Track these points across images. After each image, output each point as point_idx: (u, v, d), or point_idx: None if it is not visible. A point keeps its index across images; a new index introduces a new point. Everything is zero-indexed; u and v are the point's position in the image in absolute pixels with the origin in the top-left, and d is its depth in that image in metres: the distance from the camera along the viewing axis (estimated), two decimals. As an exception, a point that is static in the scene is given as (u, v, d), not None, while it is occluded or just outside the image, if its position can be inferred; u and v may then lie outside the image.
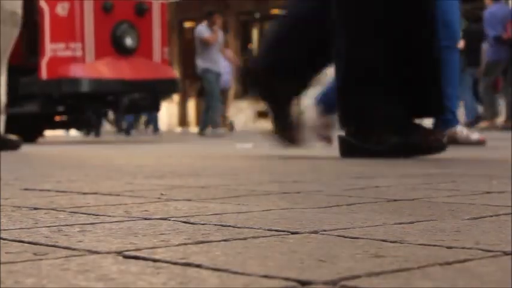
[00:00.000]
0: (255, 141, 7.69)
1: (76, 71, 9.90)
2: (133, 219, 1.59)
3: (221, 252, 1.16)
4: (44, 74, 9.86)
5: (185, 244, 1.25)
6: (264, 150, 5.33)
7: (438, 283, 0.93)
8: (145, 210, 1.75)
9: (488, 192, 2.09)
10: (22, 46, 10.26)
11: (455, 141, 5.63)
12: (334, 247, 1.21)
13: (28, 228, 1.46)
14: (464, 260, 1.08)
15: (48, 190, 2.31)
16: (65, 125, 11.96)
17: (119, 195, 2.13)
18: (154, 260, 1.10)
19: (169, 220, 1.56)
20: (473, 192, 2.09)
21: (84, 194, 2.18)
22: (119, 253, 1.16)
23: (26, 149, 6.75)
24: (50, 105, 10.08)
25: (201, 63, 14.43)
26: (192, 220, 1.55)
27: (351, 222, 1.50)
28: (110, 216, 1.65)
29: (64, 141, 12.09)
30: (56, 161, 4.61)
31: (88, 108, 10.86)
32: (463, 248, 1.18)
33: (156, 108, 11.30)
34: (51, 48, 9.86)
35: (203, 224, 1.49)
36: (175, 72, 11.57)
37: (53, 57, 9.85)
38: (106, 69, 10.04)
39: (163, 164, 3.96)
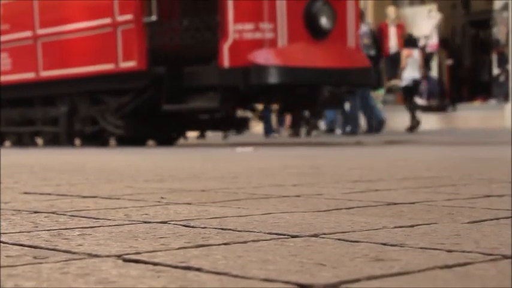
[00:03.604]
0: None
1: (268, 57, 7.87)
2: (134, 222, 1.59)
3: (221, 256, 1.16)
4: (225, 61, 7.80)
5: (185, 248, 1.25)
6: (263, 154, 5.33)
7: (439, 286, 0.93)
8: (145, 214, 1.75)
9: (488, 196, 2.09)
10: (185, 30, 8.62)
11: None
12: (334, 251, 1.21)
13: (28, 232, 1.46)
14: (465, 264, 1.08)
15: (49, 194, 2.31)
16: (216, 125, 9.45)
17: (119, 198, 2.13)
18: (155, 264, 1.10)
19: (169, 224, 1.56)
20: (473, 196, 2.09)
21: (84, 197, 2.18)
22: (118, 256, 1.16)
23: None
24: (231, 99, 8.06)
25: None
26: (192, 224, 1.55)
27: (351, 226, 1.50)
28: (109, 219, 1.65)
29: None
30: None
31: (281, 102, 8.70)
32: (463, 251, 1.18)
33: (341, 104, 9.31)
34: (235, 30, 7.89)
35: (203, 228, 1.49)
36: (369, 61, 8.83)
37: (238, 40, 7.88)
38: (301, 56, 8.05)
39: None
